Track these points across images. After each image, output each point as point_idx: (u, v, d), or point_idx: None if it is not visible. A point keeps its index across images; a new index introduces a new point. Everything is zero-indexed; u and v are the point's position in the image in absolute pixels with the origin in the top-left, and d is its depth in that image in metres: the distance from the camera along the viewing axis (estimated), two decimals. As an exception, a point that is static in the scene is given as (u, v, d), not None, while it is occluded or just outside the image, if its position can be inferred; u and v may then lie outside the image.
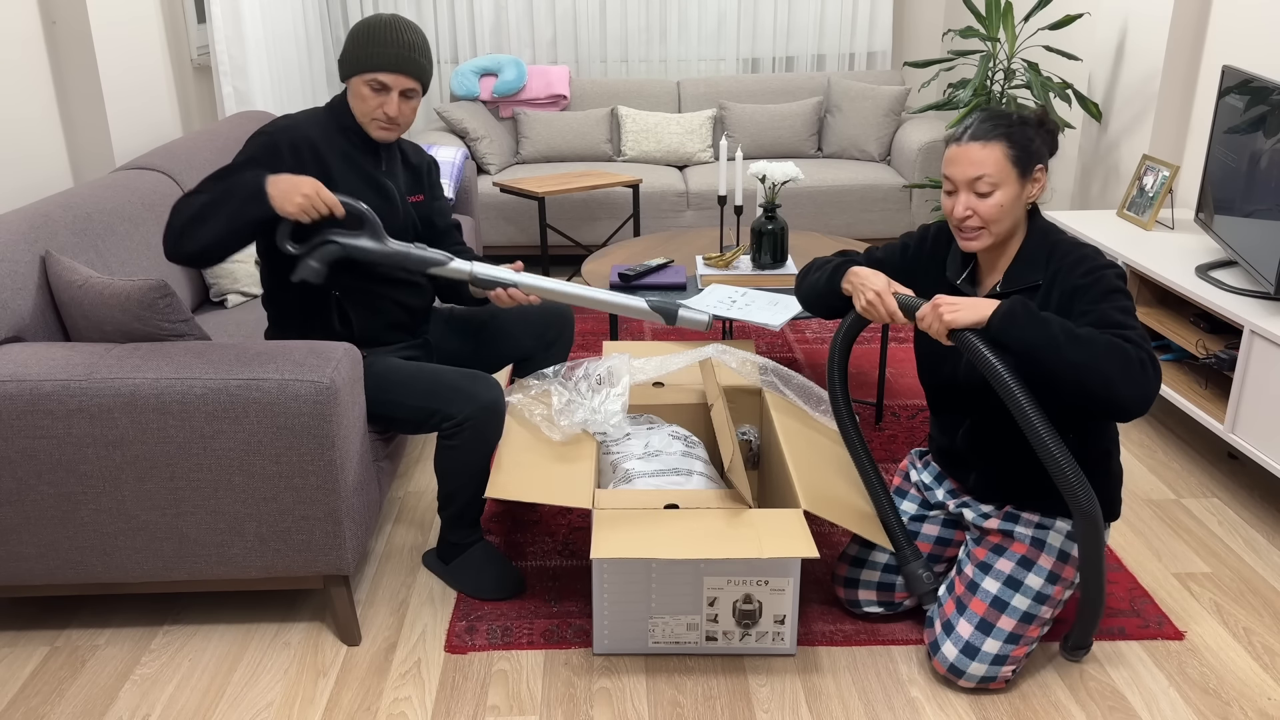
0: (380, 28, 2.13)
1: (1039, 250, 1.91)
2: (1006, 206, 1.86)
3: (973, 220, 1.88)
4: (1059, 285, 1.87)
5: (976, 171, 1.84)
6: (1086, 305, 1.82)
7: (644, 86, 5.23)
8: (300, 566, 2.09)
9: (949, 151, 1.90)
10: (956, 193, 1.89)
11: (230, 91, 4.17)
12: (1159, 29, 3.57)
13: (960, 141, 1.88)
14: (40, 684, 2.06)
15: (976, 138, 1.85)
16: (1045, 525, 1.99)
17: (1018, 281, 1.92)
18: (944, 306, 1.80)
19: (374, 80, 2.13)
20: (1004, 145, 1.84)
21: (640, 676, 2.07)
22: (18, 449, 1.96)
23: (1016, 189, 1.86)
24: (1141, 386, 1.70)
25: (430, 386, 2.17)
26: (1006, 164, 1.84)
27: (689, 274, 3.04)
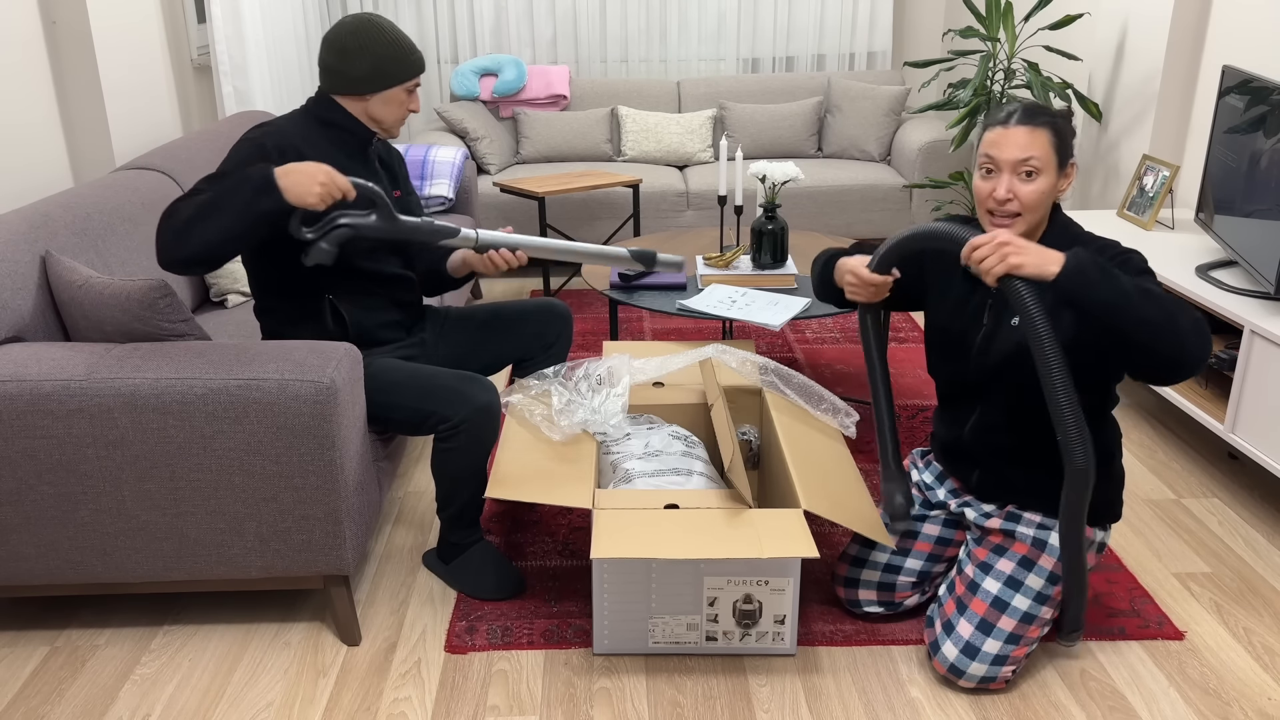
0: (398, 34, 2.18)
1: (1062, 242, 1.91)
2: (1046, 193, 1.86)
3: (1013, 204, 1.86)
4: None
5: (1024, 154, 1.83)
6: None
7: (644, 86, 5.23)
8: (300, 566, 2.09)
9: (991, 134, 1.87)
10: (997, 174, 1.87)
11: (230, 91, 4.17)
12: (1159, 29, 3.57)
13: (1006, 124, 1.86)
14: (40, 684, 2.06)
15: (1023, 122, 1.84)
16: (1047, 526, 1.99)
17: None
18: (1010, 246, 1.70)
19: (413, 84, 2.22)
20: (1049, 133, 1.84)
21: (640, 676, 2.07)
22: (18, 449, 1.96)
23: (1054, 178, 1.86)
24: (1204, 347, 1.69)
25: (425, 389, 2.17)
26: (1050, 151, 1.84)
27: (689, 274, 3.04)
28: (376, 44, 2.14)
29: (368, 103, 2.20)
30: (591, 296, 4.47)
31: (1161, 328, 1.67)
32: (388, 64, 2.16)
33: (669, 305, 2.77)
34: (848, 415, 2.39)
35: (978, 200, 1.91)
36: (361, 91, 2.18)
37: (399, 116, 2.24)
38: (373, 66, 2.15)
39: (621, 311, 4.24)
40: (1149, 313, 1.67)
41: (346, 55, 2.15)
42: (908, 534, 2.19)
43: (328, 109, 2.21)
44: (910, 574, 2.17)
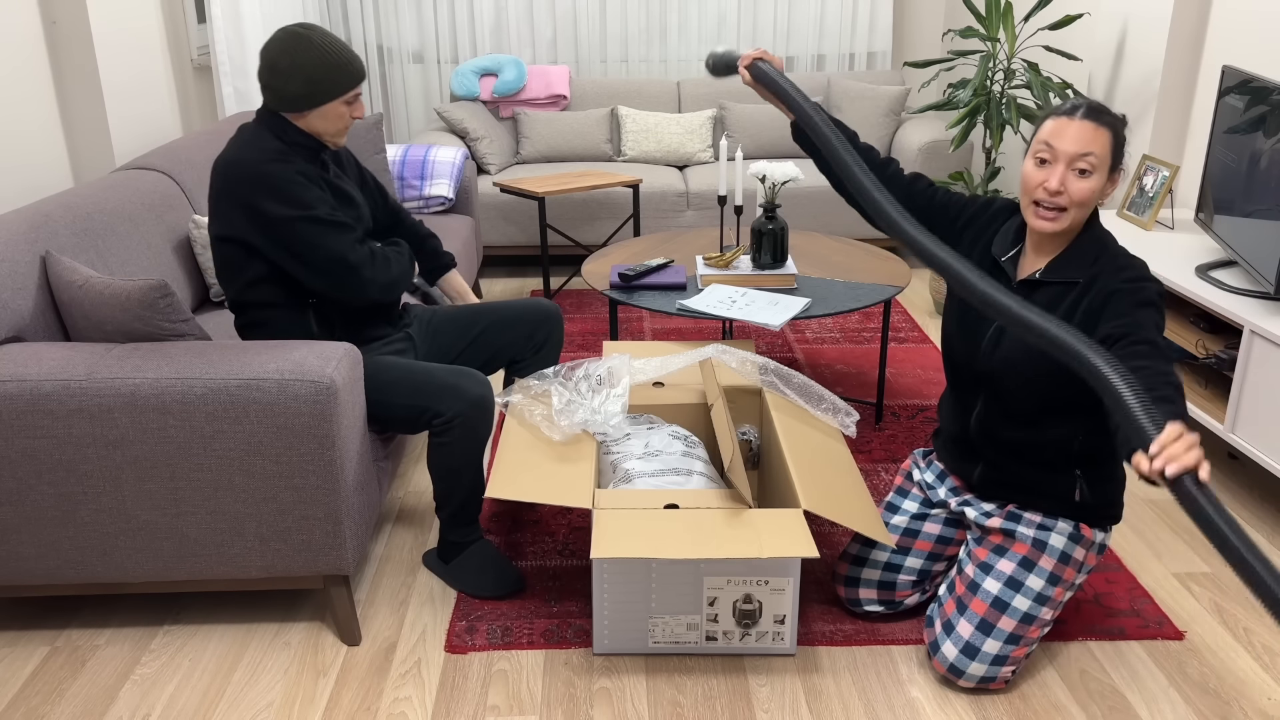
0: (330, 47, 2.14)
1: (1089, 249, 1.90)
2: (1096, 193, 1.85)
3: (1063, 198, 1.84)
4: (1099, 286, 1.86)
5: (1086, 148, 1.82)
6: (1122, 309, 1.80)
7: (644, 86, 5.23)
8: (300, 566, 2.09)
9: (1055, 123, 1.85)
10: (1053, 164, 1.85)
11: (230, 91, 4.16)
12: (1159, 29, 3.57)
13: (1071, 116, 1.84)
14: (40, 684, 2.06)
15: (1088, 117, 1.83)
16: (1047, 526, 1.99)
17: (1060, 274, 1.90)
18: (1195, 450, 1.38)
19: (353, 95, 2.20)
20: (1110, 135, 1.84)
21: (640, 676, 2.07)
22: (18, 449, 1.96)
23: (1104, 180, 1.86)
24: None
25: (419, 385, 2.18)
26: (1108, 152, 1.84)
27: (689, 274, 3.04)
28: (308, 62, 2.11)
29: (307, 118, 2.18)
30: (591, 296, 4.47)
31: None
32: (320, 82, 2.13)
33: (669, 305, 2.77)
34: (848, 415, 2.39)
35: (1025, 188, 1.89)
36: (299, 109, 2.16)
37: (339, 128, 2.21)
38: (305, 84, 2.12)
39: (621, 311, 4.24)
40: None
41: (278, 74, 2.12)
42: (908, 533, 2.19)
43: (280, 127, 2.19)
44: (910, 573, 2.17)
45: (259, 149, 2.14)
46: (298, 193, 2.11)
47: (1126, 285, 1.82)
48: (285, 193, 2.10)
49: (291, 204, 2.10)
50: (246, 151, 2.14)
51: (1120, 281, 1.83)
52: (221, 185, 2.14)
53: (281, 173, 2.11)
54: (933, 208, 2.13)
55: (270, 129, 2.19)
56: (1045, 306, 1.91)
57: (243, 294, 2.22)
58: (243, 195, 2.10)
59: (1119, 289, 1.82)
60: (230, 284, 2.23)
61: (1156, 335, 1.75)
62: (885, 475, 2.84)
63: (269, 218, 2.10)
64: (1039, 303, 1.92)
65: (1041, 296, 1.93)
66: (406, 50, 5.46)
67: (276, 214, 2.09)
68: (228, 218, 2.14)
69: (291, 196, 2.10)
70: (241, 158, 2.12)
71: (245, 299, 2.22)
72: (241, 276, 2.20)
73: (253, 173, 2.10)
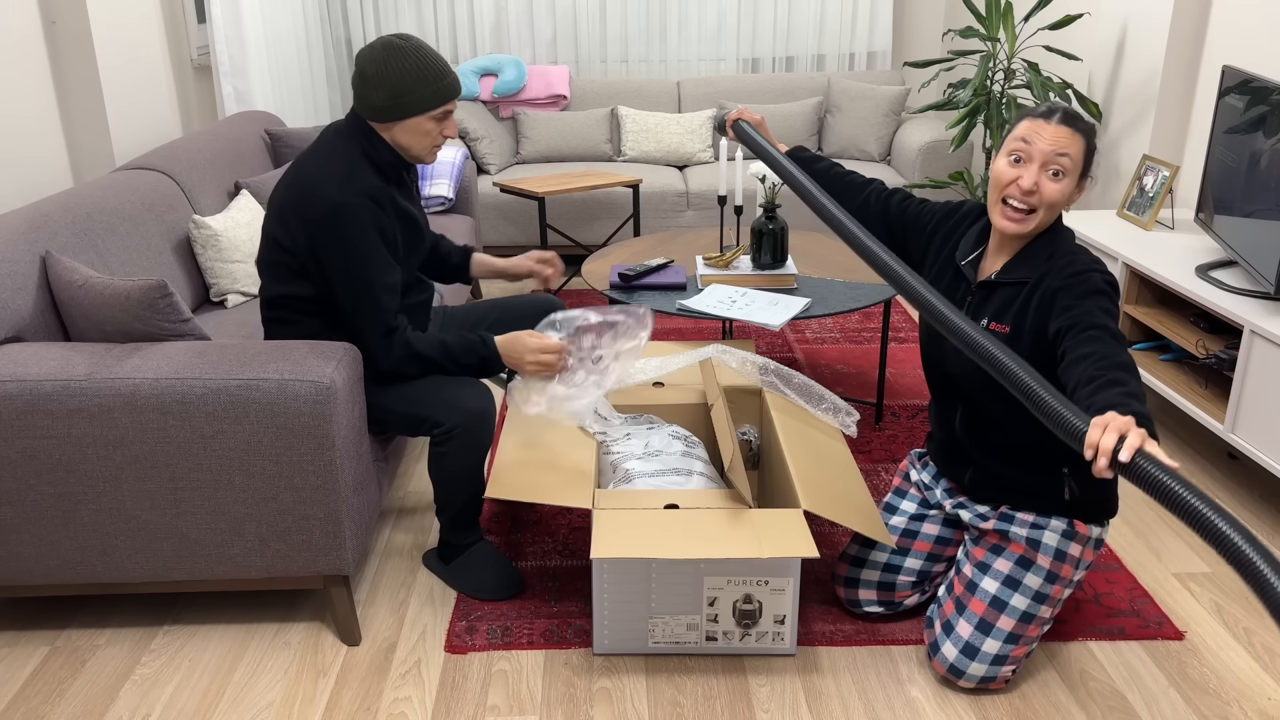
0: (424, 60, 2.08)
1: (1043, 249, 1.91)
2: (1066, 196, 1.87)
3: (1035, 198, 1.85)
4: (1045, 285, 1.87)
5: (1062, 149, 1.83)
6: (1069, 301, 1.81)
7: (644, 86, 5.23)
8: (300, 566, 2.09)
9: (1031, 123, 1.86)
10: (1027, 163, 1.85)
11: (230, 91, 4.17)
12: (1159, 29, 3.57)
13: (1048, 119, 1.85)
14: (40, 684, 2.06)
15: (1066, 122, 1.85)
16: (1040, 525, 1.99)
17: (1014, 274, 1.92)
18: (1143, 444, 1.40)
19: (442, 111, 2.13)
20: (1084, 142, 1.86)
21: (640, 676, 2.07)
22: (18, 449, 1.96)
23: (1074, 186, 1.87)
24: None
25: (419, 394, 2.17)
26: (1081, 157, 1.86)
27: (689, 274, 3.04)
28: (397, 72, 2.05)
29: (392, 130, 2.13)
30: (591, 296, 4.47)
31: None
32: (406, 94, 2.07)
33: (669, 305, 2.77)
34: (848, 415, 2.39)
35: (995, 185, 1.89)
36: (383, 120, 2.11)
37: (426, 146, 2.16)
38: (391, 95, 2.07)
39: (621, 311, 4.24)
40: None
41: (366, 81, 2.07)
42: (907, 534, 2.19)
43: (365, 137, 2.14)
44: (910, 573, 2.17)
45: (337, 168, 2.08)
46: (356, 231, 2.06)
47: (1070, 280, 1.83)
48: (348, 241, 2.06)
49: (350, 256, 2.07)
50: (325, 171, 2.08)
51: (1065, 277, 1.84)
52: (292, 198, 2.09)
53: (352, 214, 2.05)
54: (906, 219, 2.17)
55: (355, 139, 2.13)
56: (999, 307, 1.93)
57: (282, 291, 2.19)
58: (310, 221, 2.07)
59: (1063, 285, 1.83)
60: (272, 280, 2.19)
61: (1106, 319, 1.73)
62: (885, 475, 2.84)
63: (327, 256, 2.08)
64: (995, 304, 1.94)
65: (997, 298, 1.94)
66: (406, 50, 5.45)
67: (333, 258, 2.08)
68: (289, 230, 2.10)
69: (352, 250, 2.07)
70: (317, 181, 2.07)
71: (283, 296, 2.19)
72: (285, 278, 2.18)
73: (327, 208, 2.05)
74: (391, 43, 2.07)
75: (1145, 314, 3.05)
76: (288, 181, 2.13)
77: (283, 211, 2.12)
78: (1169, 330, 2.92)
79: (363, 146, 2.13)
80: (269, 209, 2.16)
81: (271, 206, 2.15)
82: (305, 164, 2.12)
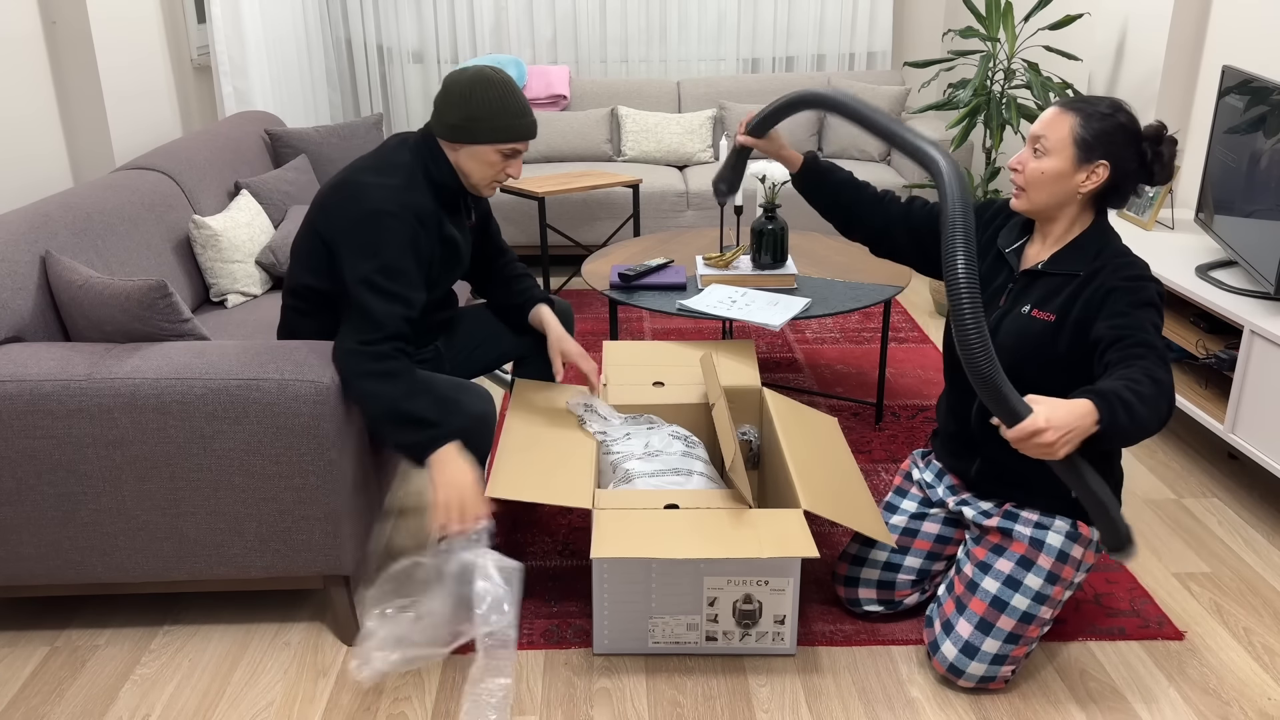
0: (509, 95, 2.09)
1: (1092, 244, 1.94)
2: (1047, 175, 1.89)
3: (1016, 176, 1.94)
4: (1099, 281, 1.88)
5: (1040, 130, 1.90)
6: (1121, 307, 1.82)
7: (644, 86, 5.23)
8: (300, 566, 2.09)
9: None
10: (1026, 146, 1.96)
11: (230, 91, 4.17)
12: (1159, 29, 3.57)
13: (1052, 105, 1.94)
14: (40, 684, 2.06)
15: (1061, 104, 1.91)
16: (1044, 525, 1.99)
17: (1062, 265, 1.94)
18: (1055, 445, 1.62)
19: (511, 148, 2.13)
20: (1075, 120, 1.87)
21: (640, 676, 2.07)
22: (18, 449, 1.96)
23: (1066, 166, 1.88)
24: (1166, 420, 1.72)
25: None
26: (1068, 138, 1.87)
27: (689, 274, 3.04)
28: (480, 98, 2.07)
29: (458, 153, 2.13)
30: (591, 296, 4.47)
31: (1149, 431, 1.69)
32: (481, 120, 2.08)
33: (669, 305, 2.77)
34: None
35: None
36: (451, 139, 2.11)
37: (487, 177, 2.15)
38: (467, 117, 2.08)
39: (621, 311, 4.24)
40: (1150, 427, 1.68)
41: (447, 99, 2.10)
42: (907, 532, 2.19)
43: (431, 155, 2.14)
44: (910, 572, 2.17)
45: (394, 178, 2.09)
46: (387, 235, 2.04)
47: (1126, 284, 1.85)
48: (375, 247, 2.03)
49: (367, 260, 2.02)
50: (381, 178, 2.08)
51: (1121, 279, 1.86)
52: (341, 196, 2.09)
53: (391, 223, 2.04)
54: (932, 220, 2.21)
55: (420, 153, 2.14)
56: (1044, 295, 1.95)
57: (309, 282, 2.18)
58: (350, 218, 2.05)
59: (1119, 286, 1.85)
60: (303, 269, 2.18)
61: (1153, 336, 1.78)
62: (885, 475, 2.84)
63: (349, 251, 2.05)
64: (1038, 292, 1.97)
65: (1040, 286, 1.96)
66: (406, 50, 5.46)
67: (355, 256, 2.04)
68: (331, 223, 2.10)
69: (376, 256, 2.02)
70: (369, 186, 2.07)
71: (309, 287, 2.19)
72: (316, 270, 2.17)
73: (370, 209, 2.04)
74: (484, 71, 2.10)
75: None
76: (342, 180, 2.13)
77: (326, 207, 2.12)
78: (1169, 330, 2.92)
79: (425, 162, 2.14)
80: (315, 203, 2.16)
81: (318, 198, 2.16)
82: (364, 167, 2.12)
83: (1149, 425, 1.68)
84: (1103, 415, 1.63)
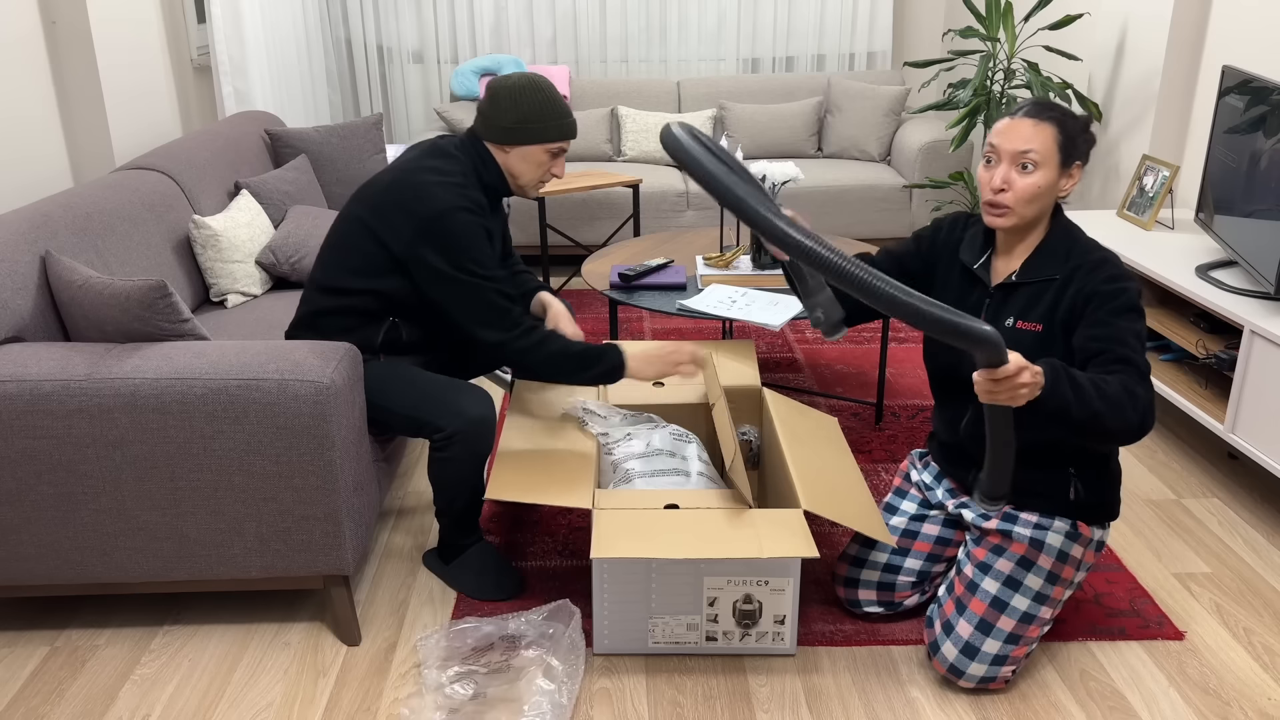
0: (555, 98, 2.20)
1: (1060, 245, 1.92)
2: (1042, 189, 1.86)
3: (1006, 195, 1.87)
4: (1077, 283, 1.87)
5: (1025, 145, 1.84)
6: (1103, 316, 1.82)
7: (644, 86, 5.23)
8: (300, 566, 2.09)
9: (999, 124, 1.90)
10: (997, 164, 1.88)
11: (230, 91, 4.17)
12: (1159, 29, 3.57)
13: (1015, 116, 1.88)
14: (40, 684, 2.06)
15: (1031, 115, 1.86)
16: (1044, 525, 1.99)
17: (1035, 273, 1.92)
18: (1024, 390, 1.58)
19: (558, 147, 2.23)
20: (1055, 129, 1.85)
21: (640, 676, 2.07)
22: (18, 449, 1.96)
23: (1054, 176, 1.87)
24: (1140, 433, 1.73)
25: (421, 398, 2.17)
26: (1053, 147, 1.85)
27: (689, 274, 3.04)
28: (529, 102, 2.17)
29: (509, 155, 2.21)
30: (591, 296, 4.47)
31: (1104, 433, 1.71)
32: (532, 121, 2.17)
33: (669, 305, 2.77)
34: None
35: (980, 188, 1.93)
36: (503, 141, 2.20)
37: (536, 177, 2.25)
38: (519, 120, 2.17)
39: (621, 311, 4.24)
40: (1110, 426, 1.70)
41: (496, 103, 2.18)
42: (907, 534, 2.19)
43: (480, 159, 2.22)
44: (910, 574, 2.17)
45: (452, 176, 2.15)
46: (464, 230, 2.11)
47: (1108, 288, 1.84)
48: (458, 241, 2.10)
49: (460, 256, 2.10)
50: (441, 176, 2.14)
51: (1100, 282, 1.85)
52: (402, 197, 2.12)
53: (464, 217, 2.11)
54: (898, 265, 2.14)
55: (470, 156, 2.22)
56: (1024, 305, 1.93)
57: (346, 283, 2.19)
58: (421, 218, 2.10)
59: (1100, 291, 1.84)
60: (340, 270, 2.20)
61: (1135, 350, 1.78)
62: (885, 475, 2.84)
63: (432, 258, 2.10)
64: (1018, 304, 1.94)
65: (1020, 298, 1.94)
66: (406, 50, 5.46)
67: (439, 259, 2.10)
68: (393, 228, 2.13)
69: (463, 250, 2.10)
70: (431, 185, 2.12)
71: (343, 288, 2.20)
72: (360, 272, 2.18)
73: (441, 208, 2.10)
74: (529, 76, 2.20)
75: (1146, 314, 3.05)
76: (400, 180, 2.16)
77: (383, 207, 2.15)
78: (1169, 330, 2.92)
79: (475, 164, 2.22)
80: (364, 202, 2.19)
81: (368, 200, 2.18)
82: (421, 168, 2.16)
83: (1107, 423, 1.69)
84: (1047, 379, 1.64)
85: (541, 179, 2.27)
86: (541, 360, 2.15)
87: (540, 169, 2.24)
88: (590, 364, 2.17)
